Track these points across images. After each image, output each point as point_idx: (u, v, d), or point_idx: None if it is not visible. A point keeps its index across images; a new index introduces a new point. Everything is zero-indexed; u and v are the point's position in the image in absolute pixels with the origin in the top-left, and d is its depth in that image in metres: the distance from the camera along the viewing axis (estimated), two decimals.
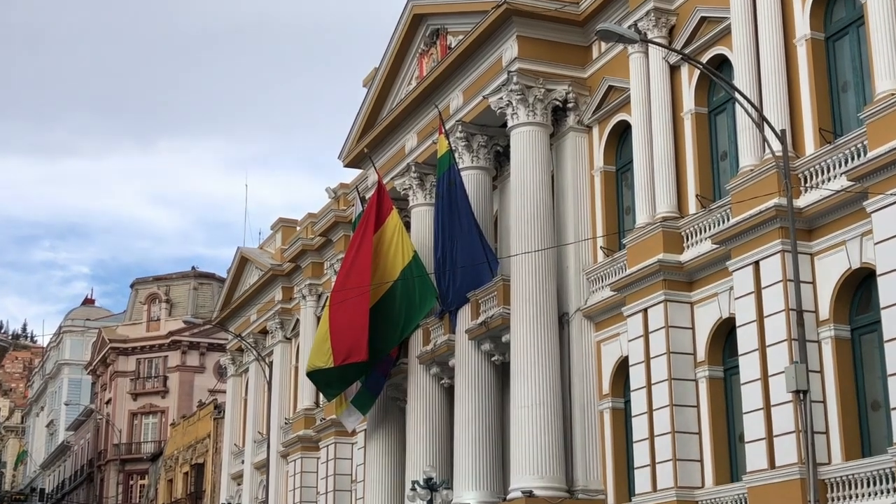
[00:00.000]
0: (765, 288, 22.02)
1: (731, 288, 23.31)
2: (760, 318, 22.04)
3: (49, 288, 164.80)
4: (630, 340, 25.68)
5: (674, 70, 26.55)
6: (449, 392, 32.12)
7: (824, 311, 21.62)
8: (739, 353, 22.65)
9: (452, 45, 32.11)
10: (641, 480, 24.75)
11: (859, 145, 21.22)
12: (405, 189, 34.50)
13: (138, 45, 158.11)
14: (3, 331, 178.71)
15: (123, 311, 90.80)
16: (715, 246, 23.81)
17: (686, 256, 25.06)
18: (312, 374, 33.80)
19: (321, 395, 43.09)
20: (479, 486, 29.12)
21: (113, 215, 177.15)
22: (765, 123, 21.76)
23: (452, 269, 30.51)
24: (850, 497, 20.40)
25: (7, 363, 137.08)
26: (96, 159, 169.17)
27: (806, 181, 22.21)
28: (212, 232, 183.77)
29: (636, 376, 25.30)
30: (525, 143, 29.13)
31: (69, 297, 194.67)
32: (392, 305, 32.63)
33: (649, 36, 26.16)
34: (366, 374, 33.79)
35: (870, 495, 20.08)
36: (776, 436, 21.35)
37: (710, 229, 24.63)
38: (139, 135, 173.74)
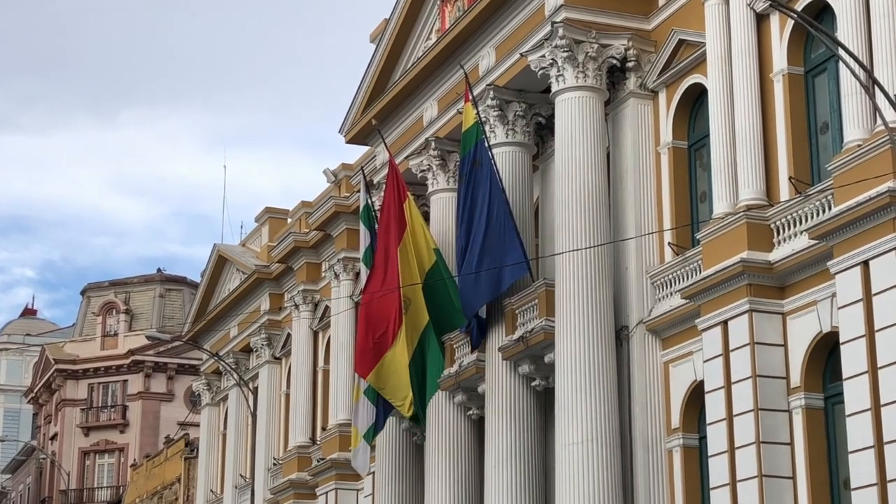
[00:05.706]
0: (875, 295, 21.96)
1: (834, 295, 23.25)
2: (871, 332, 21.98)
3: None
4: (706, 361, 25.67)
5: (761, 20, 26.49)
6: (478, 425, 32.16)
7: None
8: (844, 376, 22.60)
9: None
10: None
11: None
12: (423, 171, 34.52)
13: None
14: None
15: (72, 324, 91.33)
16: (813, 242, 23.75)
17: (777, 255, 25.00)
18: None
19: (318, 430, 43.29)
20: None
21: (64, 205, 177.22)
22: (875, 86, 21.63)
23: (479, 271, 30.44)
24: None
25: None
26: (43, 136, 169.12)
27: None
28: (186, 225, 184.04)
29: (714, 406, 25.27)
30: (573, 112, 29.12)
31: (10, 308, 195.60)
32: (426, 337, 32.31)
33: None
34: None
35: None
36: (890, 481, 21.30)
37: (806, 221, 24.56)
38: (96, 105, 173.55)
